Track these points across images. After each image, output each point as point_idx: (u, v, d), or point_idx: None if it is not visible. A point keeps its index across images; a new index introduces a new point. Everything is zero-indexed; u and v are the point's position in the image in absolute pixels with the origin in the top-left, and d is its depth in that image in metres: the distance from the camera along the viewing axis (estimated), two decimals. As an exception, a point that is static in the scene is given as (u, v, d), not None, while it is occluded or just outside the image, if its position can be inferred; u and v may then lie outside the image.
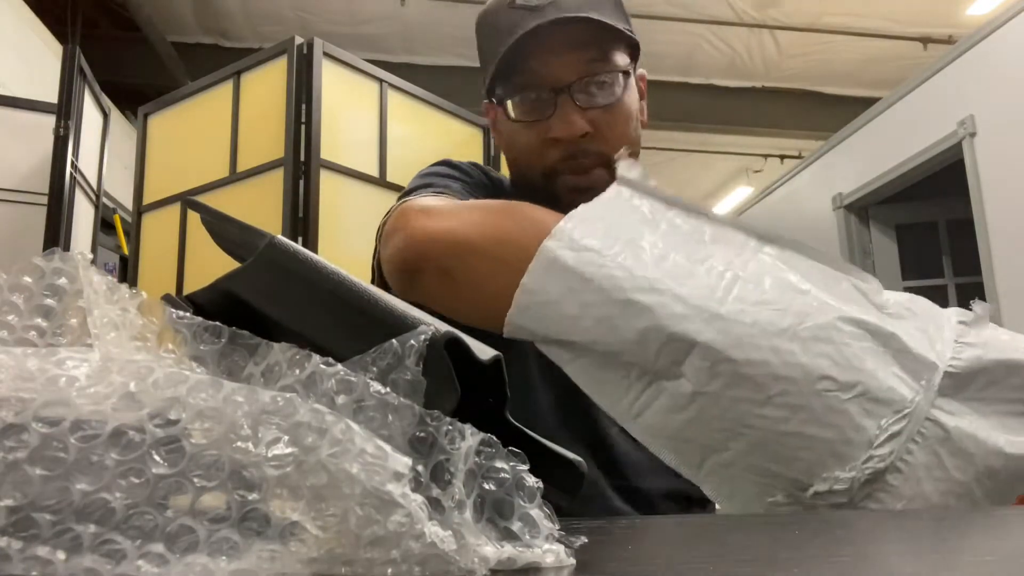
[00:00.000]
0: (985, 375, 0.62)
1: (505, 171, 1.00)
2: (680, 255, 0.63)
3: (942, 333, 0.63)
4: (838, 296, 0.63)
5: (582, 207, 0.65)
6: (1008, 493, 0.62)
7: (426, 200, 0.79)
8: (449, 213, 0.73)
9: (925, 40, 5.54)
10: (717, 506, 0.83)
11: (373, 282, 0.87)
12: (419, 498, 0.24)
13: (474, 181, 0.94)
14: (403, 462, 0.24)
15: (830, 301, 0.61)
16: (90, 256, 0.31)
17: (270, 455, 0.24)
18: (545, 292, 0.64)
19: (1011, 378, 0.62)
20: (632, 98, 0.90)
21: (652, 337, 0.60)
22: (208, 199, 2.67)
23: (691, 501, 0.91)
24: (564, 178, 0.87)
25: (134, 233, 3.01)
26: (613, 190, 0.68)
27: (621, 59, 0.87)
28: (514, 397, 0.35)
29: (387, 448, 0.24)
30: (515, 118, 0.87)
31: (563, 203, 0.86)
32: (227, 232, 0.37)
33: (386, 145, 2.75)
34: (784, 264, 0.64)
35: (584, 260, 0.62)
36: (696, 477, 0.64)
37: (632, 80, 0.90)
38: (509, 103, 0.86)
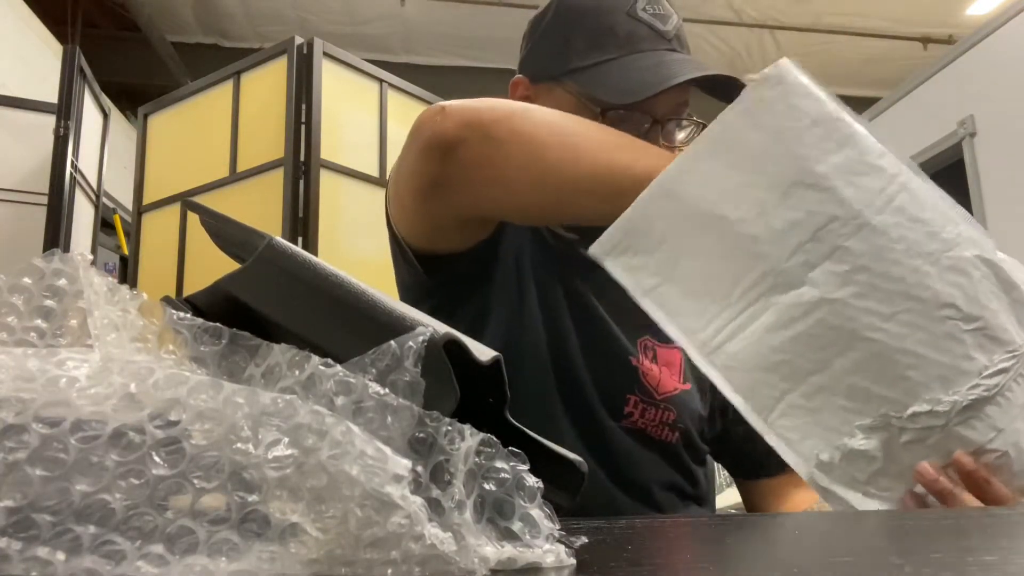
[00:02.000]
0: None
1: None
2: (856, 149, 0.62)
3: None
4: (978, 236, 0.64)
5: (764, 85, 0.63)
6: None
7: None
8: (493, 100, 0.72)
9: (925, 40, 5.54)
10: (719, 502, 0.82)
11: (392, 234, 0.87)
12: (419, 500, 0.24)
13: None
14: (403, 464, 0.24)
15: (977, 238, 0.63)
16: (90, 257, 0.31)
17: (270, 456, 0.24)
18: (713, 160, 0.63)
19: None
20: None
21: (798, 231, 0.61)
22: (208, 199, 2.67)
23: (685, 495, 0.91)
24: None
25: (134, 233, 3.01)
26: (786, 70, 0.65)
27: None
28: (512, 388, 0.35)
29: (387, 450, 0.24)
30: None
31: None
32: (226, 233, 0.37)
33: (386, 145, 2.75)
34: (939, 192, 0.65)
35: (757, 141, 0.62)
36: (766, 421, 0.64)
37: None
38: (608, 115, 0.84)
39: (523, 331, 0.87)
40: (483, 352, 0.33)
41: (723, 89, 0.87)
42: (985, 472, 0.61)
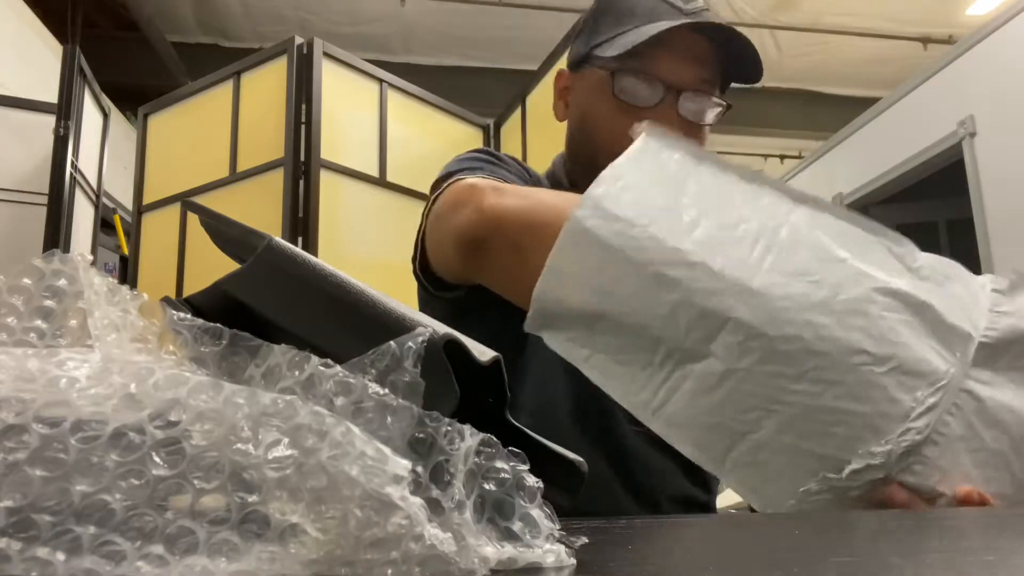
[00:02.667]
0: (1020, 344, 0.61)
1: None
2: (712, 221, 0.61)
3: (976, 301, 0.62)
4: (873, 263, 0.61)
5: (610, 168, 0.63)
6: None
7: (492, 180, 0.79)
8: (522, 192, 0.73)
9: (925, 40, 5.54)
10: (719, 502, 0.82)
11: (415, 259, 0.87)
12: (418, 500, 0.24)
13: (515, 172, 0.94)
14: (403, 465, 0.24)
15: (866, 270, 0.60)
16: (90, 257, 0.31)
17: (270, 457, 0.24)
18: (574, 265, 0.62)
19: None
20: (708, 135, 0.92)
21: (683, 312, 0.59)
22: (208, 199, 2.67)
23: (697, 505, 0.91)
24: None
25: (134, 233, 3.01)
26: (641, 141, 0.66)
27: (721, 97, 0.90)
28: (532, 392, 0.35)
29: (387, 451, 0.24)
30: (616, 94, 0.87)
31: None
32: (226, 234, 0.37)
33: (386, 145, 2.75)
34: (818, 228, 0.63)
35: (614, 231, 0.60)
36: (721, 470, 0.63)
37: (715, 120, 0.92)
38: (617, 78, 0.86)
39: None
40: (483, 352, 0.33)
41: (741, 67, 0.88)
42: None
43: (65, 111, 2.90)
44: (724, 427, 0.61)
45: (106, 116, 3.48)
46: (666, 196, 0.62)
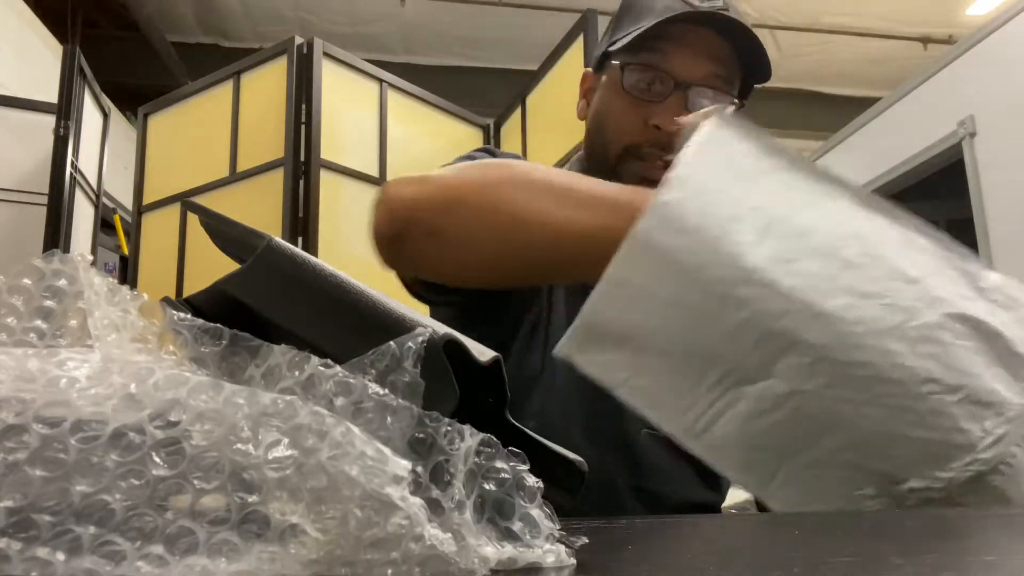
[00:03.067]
0: None
1: None
2: (782, 231, 0.58)
3: None
4: (944, 284, 0.60)
5: (676, 169, 0.60)
6: None
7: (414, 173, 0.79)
8: (431, 176, 0.72)
9: (925, 40, 5.54)
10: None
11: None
12: (418, 501, 0.24)
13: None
14: (402, 465, 0.24)
15: (939, 293, 0.58)
16: (90, 258, 0.31)
17: (270, 457, 0.24)
18: (636, 280, 0.59)
19: None
20: None
21: (748, 332, 0.57)
22: (208, 199, 2.68)
23: (707, 508, 0.91)
24: (635, 164, 0.87)
25: (134, 233, 3.01)
26: (708, 130, 0.62)
27: (735, 91, 0.90)
28: (540, 397, 0.34)
29: (387, 451, 0.24)
30: (627, 88, 0.87)
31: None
32: (226, 234, 0.37)
33: (386, 145, 2.75)
34: (891, 241, 0.61)
35: (681, 246, 0.57)
36: (765, 490, 0.62)
37: None
38: (626, 72, 0.86)
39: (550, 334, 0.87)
40: (483, 352, 0.33)
41: (754, 67, 0.88)
42: None
43: (65, 111, 2.90)
44: (776, 447, 0.59)
45: (106, 116, 3.48)
46: (735, 202, 0.59)
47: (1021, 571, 0.28)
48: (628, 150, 0.87)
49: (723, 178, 0.61)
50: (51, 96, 2.98)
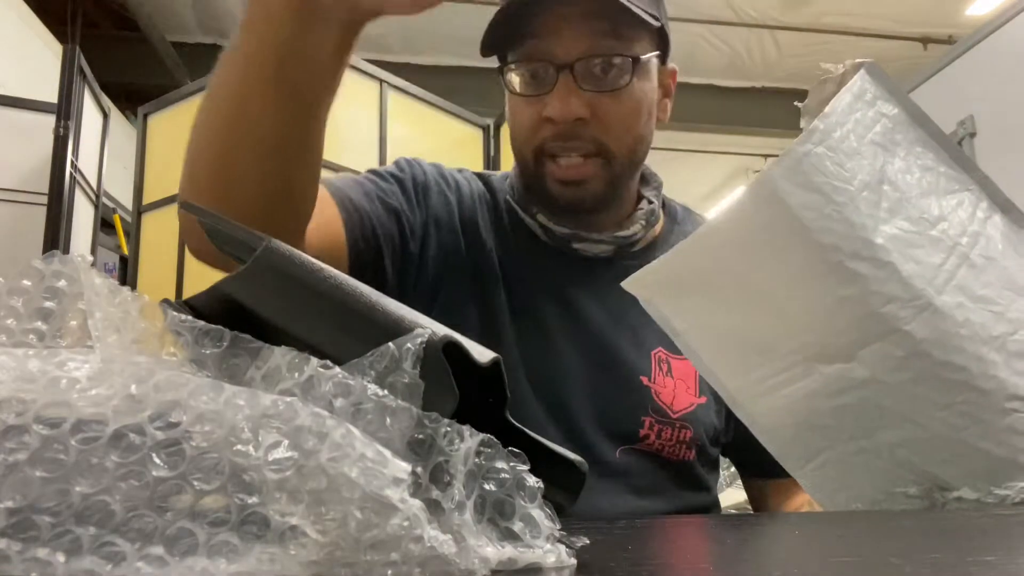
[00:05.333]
0: None
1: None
2: (910, 212, 0.56)
3: None
4: None
5: (823, 118, 0.56)
6: None
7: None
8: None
9: (925, 40, 5.54)
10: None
11: None
12: (417, 502, 0.24)
13: (405, 177, 0.89)
14: (402, 467, 0.24)
15: None
16: (90, 258, 0.31)
17: (270, 459, 0.24)
18: (749, 225, 0.56)
19: None
20: (646, 90, 0.83)
21: (850, 309, 0.55)
22: (208, 199, 2.67)
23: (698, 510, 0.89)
24: (552, 167, 0.82)
25: (134, 233, 3.01)
26: (860, 83, 0.59)
27: (639, 46, 0.81)
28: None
29: (387, 453, 0.24)
30: (516, 91, 0.82)
31: (551, 193, 0.83)
32: (225, 235, 0.37)
33: (386, 145, 2.75)
34: (1012, 246, 0.59)
35: (807, 203, 0.55)
36: (802, 469, 0.60)
37: (649, 70, 0.83)
38: (511, 74, 0.81)
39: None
40: (482, 353, 0.33)
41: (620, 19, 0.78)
42: None
43: (65, 111, 2.89)
44: (831, 430, 0.58)
45: (106, 116, 3.47)
46: (871, 170, 0.56)
47: (1021, 571, 0.28)
48: (536, 154, 0.82)
49: (864, 141, 0.57)
50: (51, 96, 2.98)
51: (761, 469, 0.98)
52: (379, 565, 0.23)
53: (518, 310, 0.85)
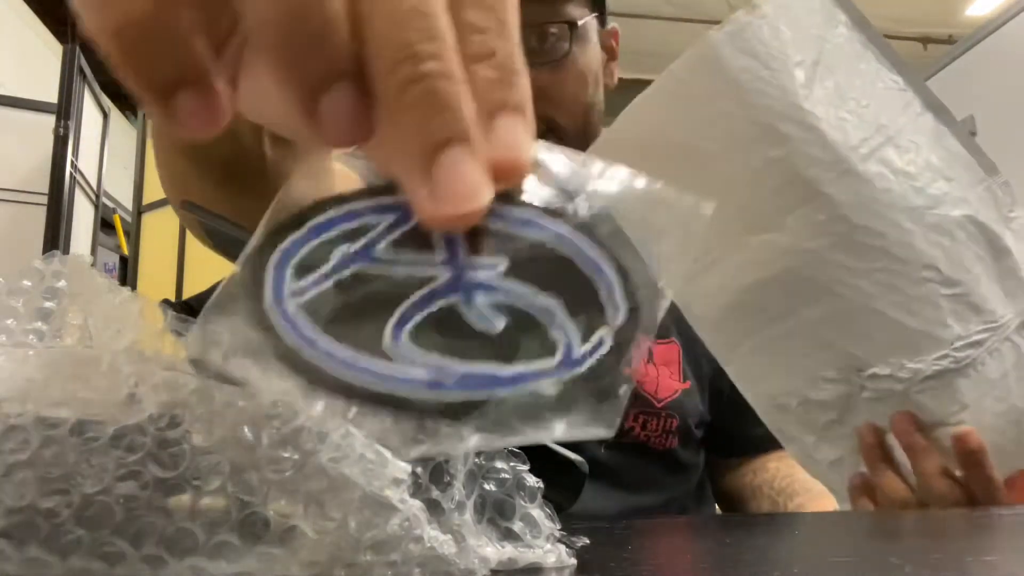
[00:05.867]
0: None
1: None
2: (843, 91, 0.58)
3: None
4: (975, 195, 0.60)
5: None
6: None
7: None
8: None
9: (925, 40, 5.54)
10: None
11: None
12: (417, 503, 0.24)
13: None
14: (402, 468, 0.24)
15: (967, 197, 0.59)
16: (90, 259, 0.31)
17: (270, 459, 0.24)
18: (688, 88, 0.58)
19: None
20: (589, 56, 0.80)
21: (776, 172, 0.56)
22: (208, 199, 2.67)
23: (684, 508, 0.88)
24: None
25: (134, 233, 3.01)
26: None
27: (574, 9, 0.77)
28: None
29: (386, 454, 0.24)
30: None
31: None
32: (225, 234, 0.37)
33: (386, 145, 2.75)
34: (939, 144, 0.61)
35: (743, 66, 0.57)
36: (732, 353, 0.61)
37: (589, 34, 0.80)
38: None
39: None
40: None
41: None
42: (922, 442, 0.57)
43: (65, 111, 2.89)
44: (756, 307, 0.59)
45: (106, 116, 3.47)
46: (808, 49, 0.58)
47: (1021, 571, 0.28)
48: None
49: (806, 28, 0.59)
50: (51, 96, 2.98)
51: (732, 449, 0.95)
52: (379, 565, 0.23)
53: None
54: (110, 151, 3.51)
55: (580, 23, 0.77)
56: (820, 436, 0.62)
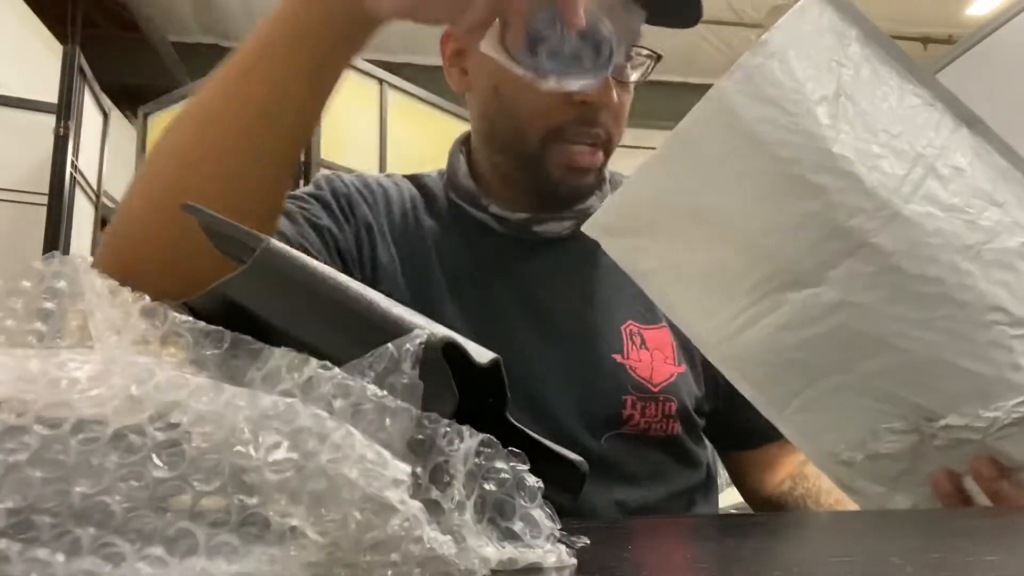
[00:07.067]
0: None
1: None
2: (871, 123, 0.53)
3: None
4: None
5: (769, 34, 0.53)
6: None
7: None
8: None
9: (925, 40, 5.54)
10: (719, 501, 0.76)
11: None
12: (417, 504, 0.24)
13: (357, 195, 0.83)
14: (402, 469, 0.24)
15: (1020, 220, 0.54)
16: (90, 259, 0.31)
17: (270, 460, 0.24)
18: (703, 146, 0.53)
19: None
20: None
21: (815, 225, 0.52)
22: (208, 199, 2.67)
23: (692, 501, 0.87)
24: (562, 150, 0.77)
25: (134, 233, 3.00)
26: (809, 4, 0.55)
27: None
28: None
29: (387, 455, 0.24)
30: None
31: (553, 178, 0.78)
32: (225, 235, 0.37)
33: (386, 145, 2.75)
34: (981, 160, 0.56)
35: (762, 116, 0.52)
36: (781, 413, 0.57)
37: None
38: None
39: None
40: (481, 354, 0.33)
41: (676, 7, 0.74)
42: (1008, 488, 0.53)
43: (65, 111, 2.89)
44: (807, 366, 0.55)
45: (106, 116, 3.47)
46: (826, 80, 0.53)
47: (1021, 571, 0.28)
48: (548, 136, 0.76)
49: (819, 55, 0.54)
50: (51, 96, 2.98)
51: (736, 439, 0.94)
52: (379, 566, 0.23)
53: (469, 306, 0.80)
54: (110, 151, 3.51)
55: (661, 57, 0.78)
56: (891, 487, 0.58)
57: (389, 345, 0.29)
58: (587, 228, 0.59)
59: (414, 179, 0.92)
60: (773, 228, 0.53)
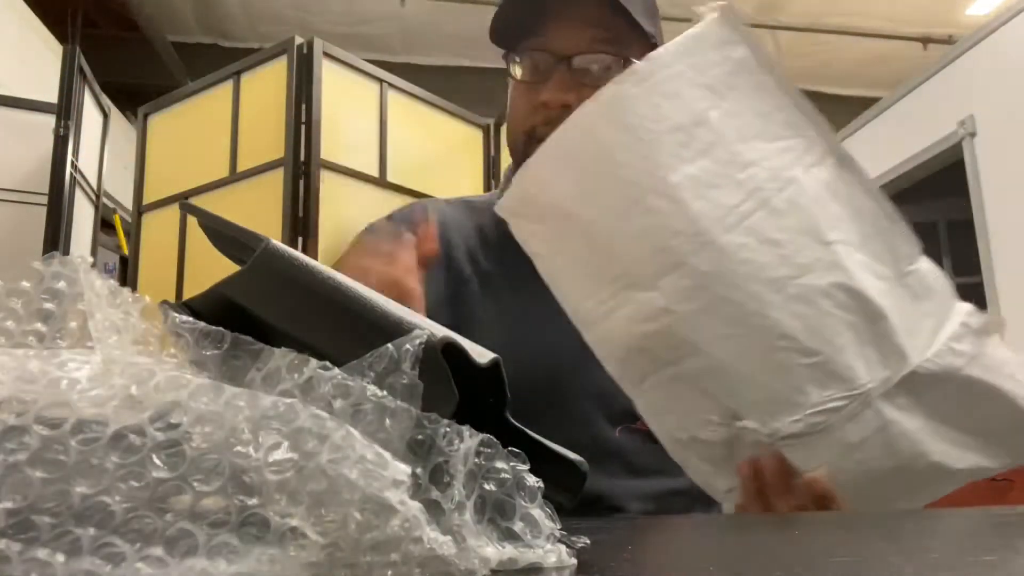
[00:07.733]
0: (952, 387, 0.61)
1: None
2: (721, 154, 0.60)
3: (941, 326, 0.62)
4: (859, 256, 0.61)
5: (651, 55, 0.61)
6: (918, 498, 0.65)
7: (372, 242, 0.84)
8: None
9: (925, 40, 5.53)
10: (724, 506, 0.81)
11: None
12: (417, 504, 0.24)
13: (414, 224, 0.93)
14: (402, 470, 0.24)
15: (843, 262, 0.60)
16: (90, 260, 0.31)
17: (270, 460, 0.24)
18: (570, 156, 0.62)
19: (981, 404, 0.62)
20: None
21: (647, 240, 0.60)
22: (208, 199, 2.67)
23: (695, 497, 0.89)
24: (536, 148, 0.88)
25: (134, 233, 3.00)
26: (702, 27, 0.63)
27: (632, 53, 0.86)
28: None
29: (387, 455, 0.24)
30: (518, 78, 0.88)
31: None
32: (225, 235, 0.37)
33: (386, 145, 2.74)
34: (829, 196, 0.62)
35: (617, 141, 0.60)
36: (637, 388, 0.65)
37: None
38: (513, 65, 0.88)
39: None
40: (481, 354, 0.33)
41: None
42: (781, 488, 0.61)
43: (65, 111, 2.89)
44: (651, 352, 0.63)
45: (106, 116, 3.47)
46: (689, 110, 0.61)
47: (1021, 571, 0.28)
48: (527, 137, 0.87)
49: (692, 82, 0.61)
50: (51, 96, 2.98)
51: None
52: (379, 566, 0.23)
53: (506, 305, 0.89)
54: (110, 151, 3.51)
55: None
56: (716, 468, 0.65)
57: (389, 345, 0.29)
58: (498, 209, 0.67)
59: (466, 202, 1.07)
60: (620, 235, 0.61)
